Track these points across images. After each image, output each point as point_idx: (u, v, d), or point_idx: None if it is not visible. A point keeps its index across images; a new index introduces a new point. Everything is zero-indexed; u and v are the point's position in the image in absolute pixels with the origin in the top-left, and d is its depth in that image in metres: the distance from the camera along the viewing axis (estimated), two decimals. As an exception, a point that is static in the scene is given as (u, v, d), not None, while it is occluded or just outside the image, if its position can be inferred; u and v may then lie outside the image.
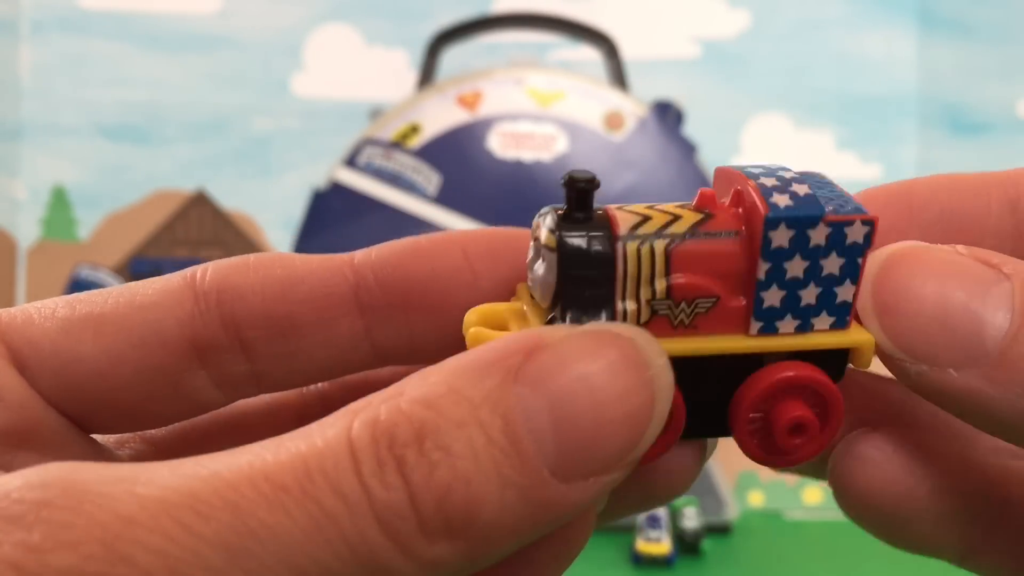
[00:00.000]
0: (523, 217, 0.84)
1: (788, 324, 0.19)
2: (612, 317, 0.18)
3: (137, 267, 1.08)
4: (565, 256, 0.18)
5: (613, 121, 0.99)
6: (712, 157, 1.01)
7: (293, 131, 1.13)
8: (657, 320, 0.18)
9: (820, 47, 1.15)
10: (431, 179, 0.97)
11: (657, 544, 0.79)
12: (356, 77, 1.12)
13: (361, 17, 1.12)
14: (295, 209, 1.00)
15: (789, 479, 0.94)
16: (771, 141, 1.15)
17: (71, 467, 0.14)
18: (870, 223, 0.19)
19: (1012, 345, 0.16)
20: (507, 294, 0.20)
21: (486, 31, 1.07)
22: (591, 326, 0.16)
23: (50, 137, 1.11)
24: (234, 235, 1.10)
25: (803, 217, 0.18)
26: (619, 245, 0.18)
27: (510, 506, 0.14)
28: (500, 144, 0.98)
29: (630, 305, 0.18)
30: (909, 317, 0.17)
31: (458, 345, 0.20)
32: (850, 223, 0.19)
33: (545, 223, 0.19)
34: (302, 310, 0.19)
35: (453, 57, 1.05)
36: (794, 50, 1.15)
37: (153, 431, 0.22)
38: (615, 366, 0.15)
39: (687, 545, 0.81)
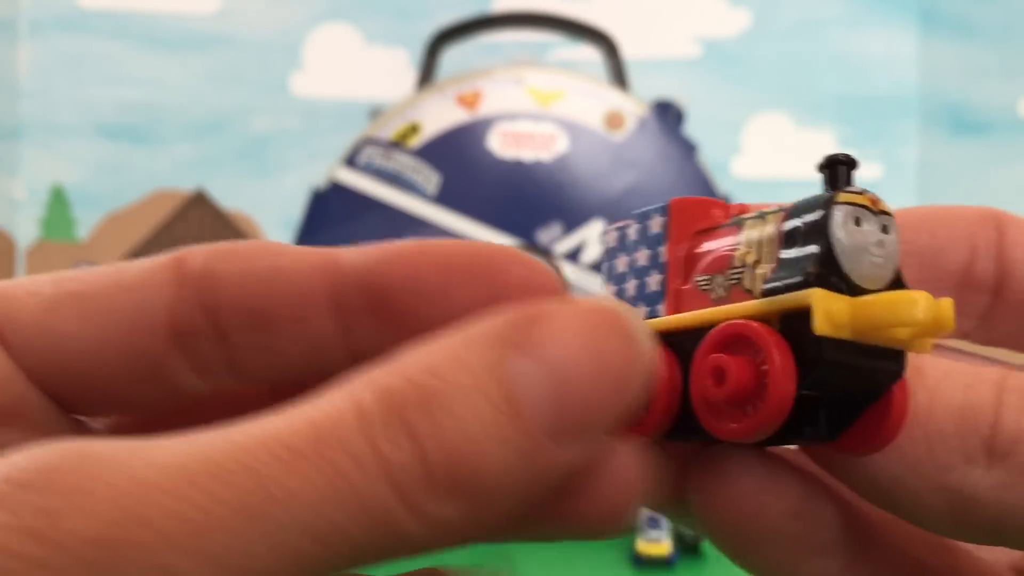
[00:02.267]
0: (523, 216, 0.84)
1: None
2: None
3: (136, 267, 1.08)
4: None
5: (613, 121, 0.99)
6: (712, 157, 1.01)
7: (293, 131, 1.12)
8: None
9: (820, 47, 1.15)
10: (431, 179, 0.97)
11: (657, 545, 0.78)
12: (356, 77, 1.12)
13: (361, 16, 1.12)
14: (295, 209, 0.99)
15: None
16: (771, 141, 1.15)
17: (81, 441, 0.14)
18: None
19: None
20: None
21: (486, 30, 1.07)
22: (584, 300, 0.17)
23: (49, 137, 1.11)
24: (233, 235, 1.09)
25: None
26: None
27: (511, 466, 0.15)
28: (500, 144, 0.98)
29: None
30: None
31: None
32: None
33: (869, 194, 0.18)
34: (276, 304, 0.19)
35: (453, 56, 1.05)
36: (794, 50, 1.15)
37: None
38: (604, 337, 0.16)
39: (687, 546, 0.81)
